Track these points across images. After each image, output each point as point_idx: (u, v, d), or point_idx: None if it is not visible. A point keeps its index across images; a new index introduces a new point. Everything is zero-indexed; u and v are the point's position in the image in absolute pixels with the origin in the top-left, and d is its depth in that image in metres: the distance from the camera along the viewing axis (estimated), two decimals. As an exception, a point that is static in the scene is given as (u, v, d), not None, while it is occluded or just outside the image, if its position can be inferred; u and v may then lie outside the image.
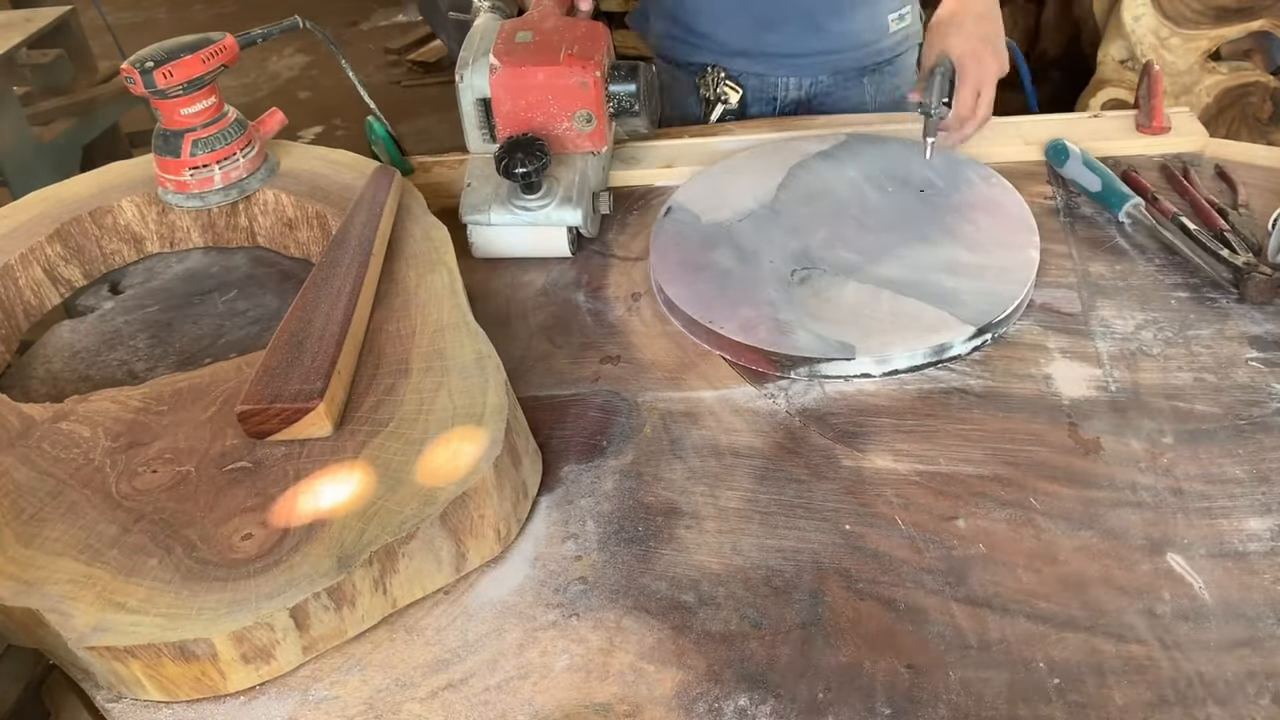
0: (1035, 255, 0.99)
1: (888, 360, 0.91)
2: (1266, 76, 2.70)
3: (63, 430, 0.83)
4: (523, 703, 0.69)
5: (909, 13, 1.45)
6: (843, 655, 0.70)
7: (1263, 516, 0.76)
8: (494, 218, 1.11)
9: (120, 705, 0.71)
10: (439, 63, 4.40)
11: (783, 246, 1.05)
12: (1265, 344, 0.92)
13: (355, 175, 1.14)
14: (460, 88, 1.14)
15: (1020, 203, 1.07)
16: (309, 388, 0.80)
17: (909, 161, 1.16)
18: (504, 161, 1.05)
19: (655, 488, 0.84)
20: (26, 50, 2.68)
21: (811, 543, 0.78)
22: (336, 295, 0.90)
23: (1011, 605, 0.72)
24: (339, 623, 0.72)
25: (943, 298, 0.95)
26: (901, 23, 1.44)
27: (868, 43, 1.42)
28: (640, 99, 1.16)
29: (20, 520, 0.75)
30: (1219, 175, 1.14)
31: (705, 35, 1.42)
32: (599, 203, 1.14)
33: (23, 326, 1.06)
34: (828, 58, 1.42)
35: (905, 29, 1.45)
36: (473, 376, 0.84)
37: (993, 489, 0.81)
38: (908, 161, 1.16)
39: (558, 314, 1.05)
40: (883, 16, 1.42)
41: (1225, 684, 0.66)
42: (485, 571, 0.78)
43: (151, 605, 0.68)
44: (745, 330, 0.95)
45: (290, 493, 0.76)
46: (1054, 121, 1.26)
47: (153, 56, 1.02)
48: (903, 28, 1.45)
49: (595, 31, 1.15)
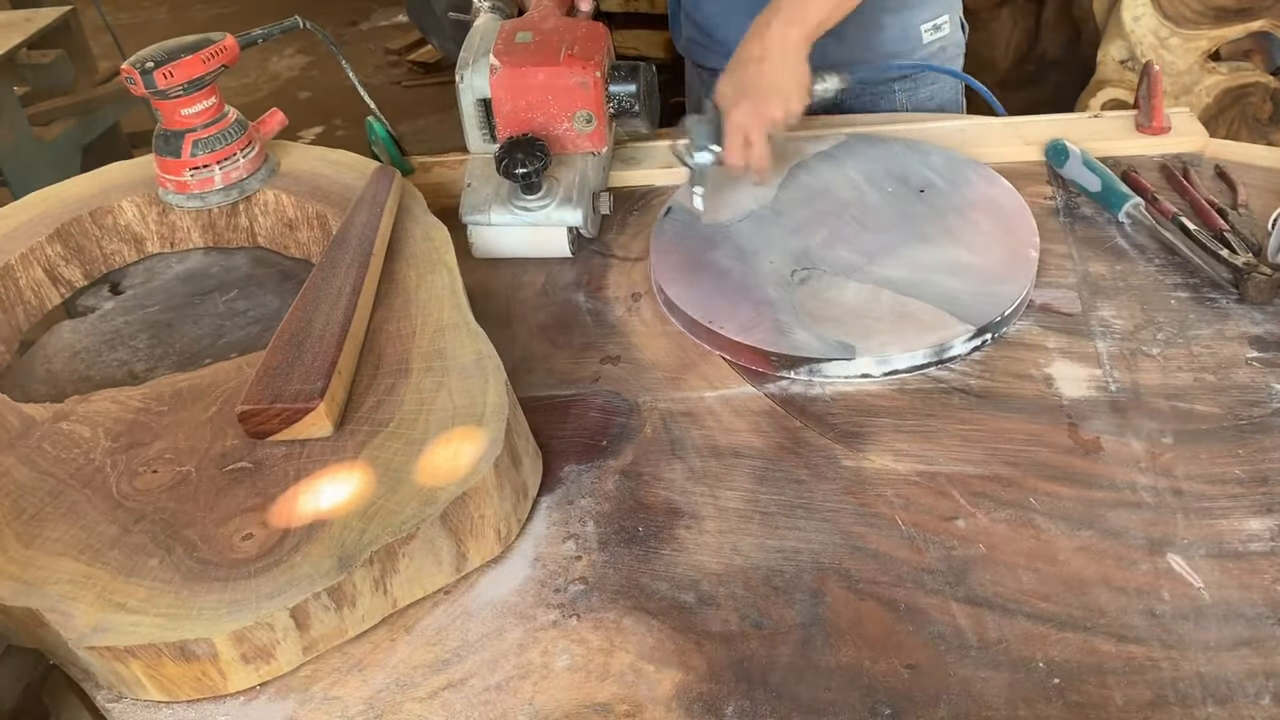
0: (1035, 255, 0.99)
1: (888, 360, 0.91)
2: (1266, 77, 2.70)
3: (63, 430, 0.83)
4: (523, 703, 0.69)
5: (946, 21, 1.39)
6: (843, 655, 0.70)
7: (1263, 516, 0.76)
8: (494, 218, 1.11)
9: (120, 705, 0.71)
10: (439, 63, 4.40)
11: (783, 246, 1.05)
12: (1265, 344, 0.92)
13: (355, 175, 1.14)
14: (460, 88, 1.14)
15: (1021, 203, 1.07)
16: (309, 388, 0.80)
17: (909, 161, 1.16)
18: (504, 162, 1.05)
19: (655, 488, 0.84)
20: (26, 50, 2.68)
21: (811, 543, 0.78)
22: (337, 295, 0.90)
23: (1011, 605, 0.72)
24: (339, 623, 0.72)
25: (943, 298, 0.95)
26: (937, 33, 1.38)
27: (899, 53, 1.37)
28: (640, 99, 1.16)
29: (21, 520, 0.75)
30: (1219, 175, 1.14)
31: (722, 42, 1.40)
32: (599, 203, 1.14)
33: (23, 326, 1.06)
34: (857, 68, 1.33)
35: (941, 39, 1.39)
36: (473, 376, 0.84)
37: (993, 489, 0.81)
38: (908, 161, 1.16)
39: (558, 314, 1.06)
40: (915, 27, 1.36)
41: (1225, 684, 0.66)
42: (485, 571, 0.78)
43: (152, 605, 0.69)
44: (745, 330, 0.95)
45: (290, 493, 0.76)
46: (1054, 121, 1.26)
47: (153, 57, 1.01)
48: (938, 38, 1.38)
49: (595, 32, 1.15)
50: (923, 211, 1.08)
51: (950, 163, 1.15)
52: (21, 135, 2.57)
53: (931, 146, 1.18)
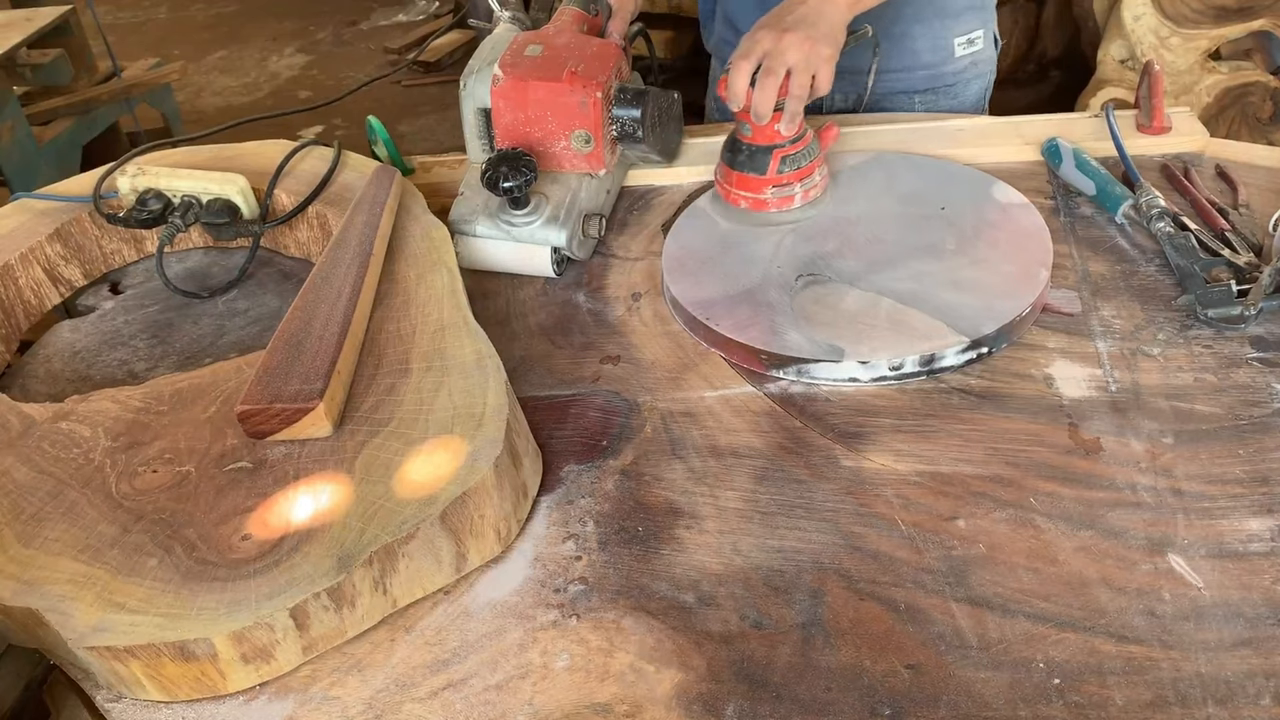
0: (1045, 275, 0.97)
1: (876, 366, 0.91)
2: (1266, 76, 2.70)
3: (63, 430, 0.83)
4: (523, 703, 0.69)
5: (980, 37, 1.35)
6: (843, 655, 0.70)
7: (1263, 516, 0.76)
8: (480, 229, 1.09)
9: (120, 705, 0.71)
10: (439, 62, 4.41)
11: (792, 252, 1.05)
12: (1265, 344, 0.92)
13: (355, 175, 1.14)
14: (463, 95, 1.13)
15: (1040, 224, 1.04)
16: (309, 388, 0.80)
17: (934, 179, 1.14)
18: (488, 174, 1.03)
19: (655, 488, 0.84)
20: (26, 50, 2.68)
21: (811, 543, 0.78)
22: (336, 295, 0.90)
23: (1011, 605, 0.72)
24: (339, 623, 0.72)
25: (942, 310, 0.95)
26: (970, 47, 1.35)
27: (929, 65, 1.34)
28: (645, 125, 1.11)
29: (20, 520, 0.75)
30: (1219, 175, 1.14)
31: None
32: (589, 225, 1.10)
33: (23, 326, 1.06)
34: (881, 76, 1.32)
35: (974, 54, 1.36)
36: (473, 376, 0.84)
37: (993, 489, 0.81)
38: (933, 178, 1.14)
39: (558, 314, 1.05)
40: (948, 39, 1.33)
41: (1225, 684, 0.66)
42: (485, 571, 0.78)
43: (151, 605, 0.69)
44: (739, 328, 0.95)
45: (290, 493, 0.76)
46: (1054, 121, 1.26)
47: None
48: (971, 53, 1.35)
49: (606, 52, 1.11)
50: (938, 227, 1.06)
51: (974, 181, 1.13)
52: (21, 135, 2.57)
53: (958, 165, 1.17)
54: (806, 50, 1.00)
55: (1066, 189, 1.15)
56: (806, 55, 1.01)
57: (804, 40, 1.00)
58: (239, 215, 1.09)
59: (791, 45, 1.00)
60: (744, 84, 1.03)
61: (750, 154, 1.08)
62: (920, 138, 1.24)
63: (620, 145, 1.17)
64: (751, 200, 1.09)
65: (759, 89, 1.01)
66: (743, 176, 1.09)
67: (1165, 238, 1.01)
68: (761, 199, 1.09)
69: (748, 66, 1.02)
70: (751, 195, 1.09)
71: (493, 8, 1.23)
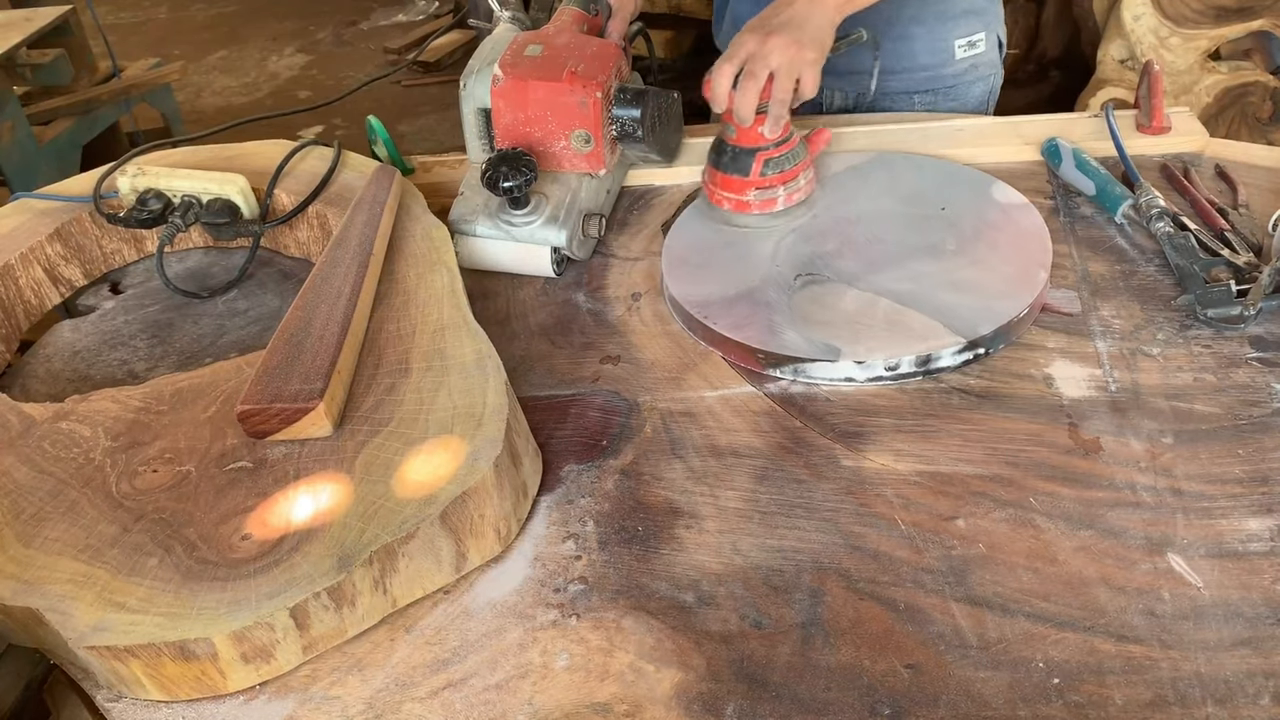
0: (1044, 276, 0.97)
1: (872, 366, 0.91)
2: (1266, 76, 2.70)
3: (63, 430, 0.83)
4: (523, 703, 0.69)
5: (982, 39, 1.35)
6: (842, 655, 0.70)
7: (1263, 516, 0.76)
8: (480, 229, 1.09)
9: (120, 705, 0.71)
10: (439, 62, 4.41)
11: (792, 252, 1.05)
12: (1265, 344, 0.92)
13: (355, 175, 1.14)
14: (462, 95, 1.13)
15: (1041, 225, 1.04)
16: (309, 388, 0.80)
17: (935, 179, 1.14)
18: (488, 174, 1.03)
19: (655, 488, 0.84)
20: (26, 50, 2.68)
21: (811, 543, 0.78)
22: (336, 295, 0.90)
23: (1011, 605, 0.72)
24: (339, 623, 0.72)
25: (940, 310, 0.95)
26: (971, 50, 1.34)
27: (928, 66, 1.33)
28: (645, 125, 1.11)
29: (20, 520, 0.75)
30: (1219, 175, 1.14)
31: None
32: (589, 225, 1.10)
33: (23, 326, 1.06)
34: (882, 77, 1.30)
35: (975, 57, 1.35)
36: (473, 376, 0.84)
37: (992, 489, 0.81)
38: (934, 179, 1.14)
39: (558, 314, 1.06)
40: (948, 41, 1.32)
41: (1225, 684, 0.66)
42: (485, 571, 0.78)
43: (151, 605, 0.69)
44: (736, 327, 0.95)
45: (290, 492, 0.76)
46: (1054, 121, 1.26)
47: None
48: (971, 55, 1.35)
49: (606, 52, 1.11)
50: (938, 227, 1.06)
51: (974, 181, 1.13)
52: (21, 135, 2.57)
53: (958, 165, 1.17)
54: (791, 54, 1.00)
55: (1066, 189, 1.15)
56: (791, 59, 1.00)
57: (789, 44, 1.00)
58: (239, 215, 1.09)
59: (776, 49, 1.00)
60: (726, 86, 1.03)
61: (734, 155, 1.08)
62: (920, 137, 1.24)
63: (620, 145, 1.17)
64: (734, 201, 1.09)
65: (740, 92, 1.01)
66: (726, 178, 1.09)
67: (1165, 238, 1.02)
68: (744, 200, 1.09)
69: (730, 69, 1.02)
70: (734, 196, 1.09)
71: (493, 8, 1.23)
